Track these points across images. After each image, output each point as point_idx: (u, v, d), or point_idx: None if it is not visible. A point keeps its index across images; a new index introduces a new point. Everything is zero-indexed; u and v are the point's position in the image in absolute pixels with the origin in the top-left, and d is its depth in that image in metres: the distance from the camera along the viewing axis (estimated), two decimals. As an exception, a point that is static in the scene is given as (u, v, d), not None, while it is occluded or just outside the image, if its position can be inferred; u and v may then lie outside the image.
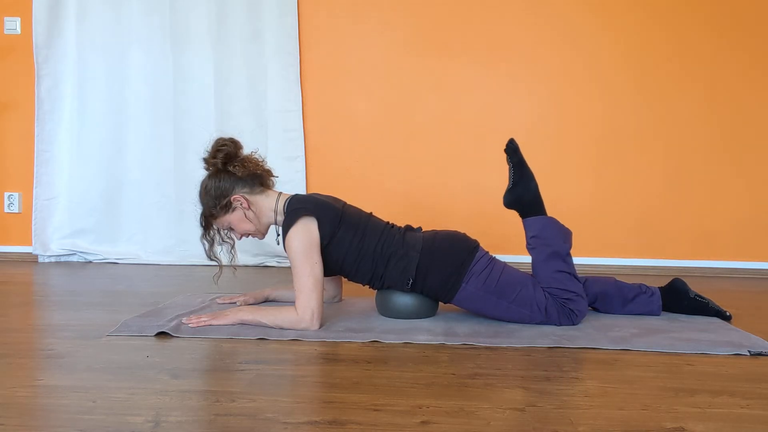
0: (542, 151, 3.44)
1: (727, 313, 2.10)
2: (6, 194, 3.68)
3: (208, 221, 2.08)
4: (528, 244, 2.06)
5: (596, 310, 2.19)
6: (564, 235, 2.03)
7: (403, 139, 3.50)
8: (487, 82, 3.45)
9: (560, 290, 1.98)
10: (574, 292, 1.98)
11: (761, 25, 3.31)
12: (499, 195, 3.42)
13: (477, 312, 2.07)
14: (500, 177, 3.44)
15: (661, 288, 2.18)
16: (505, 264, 2.08)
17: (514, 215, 3.49)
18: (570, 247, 2.03)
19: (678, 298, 2.16)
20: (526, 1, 3.41)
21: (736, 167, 3.35)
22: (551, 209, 3.39)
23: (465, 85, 3.45)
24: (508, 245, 3.35)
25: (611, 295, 2.16)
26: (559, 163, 3.43)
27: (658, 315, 2.15)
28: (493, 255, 2.08)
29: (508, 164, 2.08)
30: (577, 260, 2.94)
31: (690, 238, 3.39)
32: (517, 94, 3.45)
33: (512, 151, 2.07)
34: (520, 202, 2.08)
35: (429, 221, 2.40)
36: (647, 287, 2.18)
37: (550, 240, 2.01)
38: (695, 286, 2.24)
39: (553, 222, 2.04)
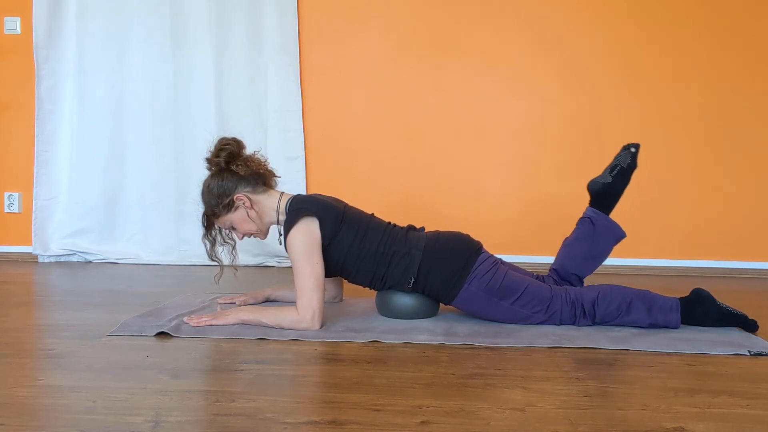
0: (540, 152, 3.44)
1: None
2: (6, 194, 3.68)
3: (210, 221, 2.08)
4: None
5: None
6: (654, 324, 1.97)
7: (402, 139, 3.50)
8: (486, 83, 3.45)
9: (599, 301, 1.96)
10: (595, 312, 1.97)
11: (751, 28, 3.31)
12: (498, 194, 3.46)
13: (476, 315, 2.06)
14: (500, 176, 3.46)
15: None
16: (509, 266, 2.08)
17: (513, 216, 3.50)
18: (640, 326, 1.97)
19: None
20: (524, 3, 3.41)
21: (734, 166, 3.35)
22: (551, 208, 3.42)
23: (464, 86, 3.45)
24: (509, 245, 3.36)
25: None
26: (558, 163, 3.43)
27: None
28: (494, 255, 2.08)
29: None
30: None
31: (690, 238, 3.39)
32: (515, 95, 3.44)
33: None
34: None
35: (429, 221, 2.40)
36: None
37: (654, 312, 1.96)
38: (695, 286, 2.22)
39: (672, 322, 1.97)
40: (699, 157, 3.37)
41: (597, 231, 2.14)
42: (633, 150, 2.12)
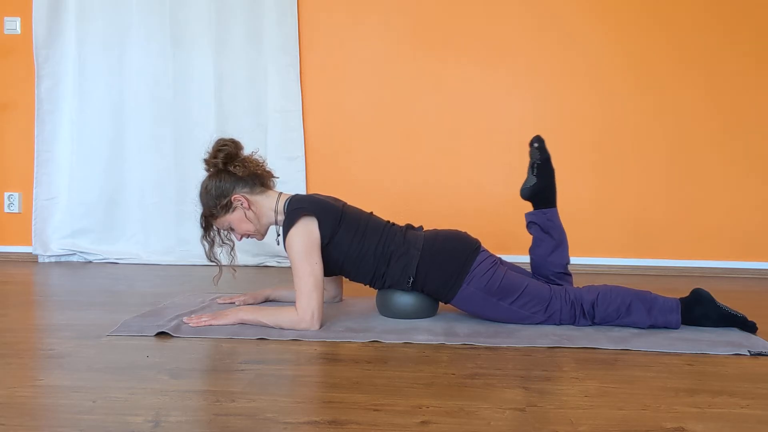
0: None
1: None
2: (6, 194, 3.68)
3: (208, 222, 2.08)
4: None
5: None
6: (655, 325, 1.97)
7: (403, 138, 3.50)
8: (487, 82, 3.45)
9: (599, 303, 1.96)
10: (594, 313, 1.97)
11: (761, 22, 3.30)
12: (499, 194, 3.46)
13: (476, 314, 2.06)
14: (500, 176, 3.46)
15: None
16: (508, 266, 2.08)
17: (513, 216, 3.48)
18: (640, 327, 1.97)
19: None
20: (525, 4, 3.41)
21: (735, 166, 3.35)
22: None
23: (464, 85, 3.45)
24: (509, 245, 3.35)
25: None
26: (559, 162, 3.40)
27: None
28: (493, 255, 2.08)
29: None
30: (576, 260, 2.95)
31: (690, 238, 3.39)
32: (516, 94, 3.45)
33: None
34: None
35: (429, 221, 2.40)
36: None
37: (654, 313, 1.96)
38: (695, 286, 2.22)
39: (672, 323, 1.97)
40: (699, 157, 3.37)
41: (544, 227, 2.17)
42: (536, 145, 2.18)
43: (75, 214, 3.58)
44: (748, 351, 1.72)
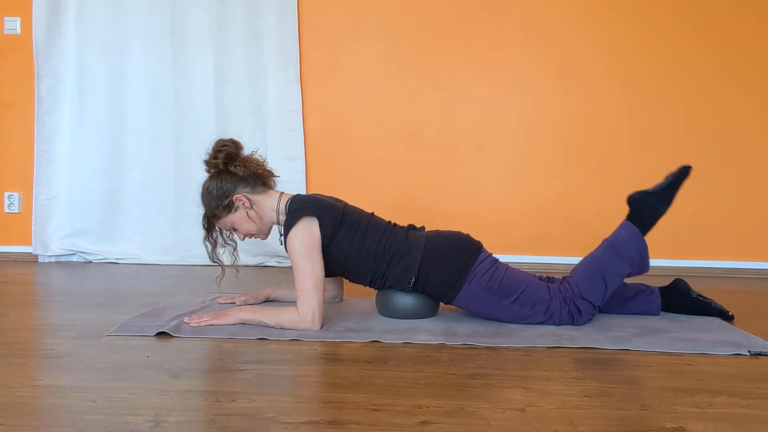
0: (540, 152, 3.44)
1: (730, 313, 2.10)
2: (6, 194, 3.68)
3: (210, 222, 2.08)
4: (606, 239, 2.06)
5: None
6: (636, 262, 1.98)
7: (402, 139, 3.50)
8: (486, 83, 3.45)
9: (582, 290, 1.97)
10: (590, 302, 1.97)
11: (742, 29, 3.31)
12: (498, 194, 3.46)
13: (477, 313, 2.06)
14: (499, 176, 3.46)
15: (661, 288, 2.18)
16: (508, 265, 2.09)
17: (513, 216, 3.48)
18: (629, 273, 1.98)
19: (680, 298, 2.16)
20: (524, 5, 3.41)
21: (734, 167, 3.35)
22: (550, 208, 3.42)
23: (463, 86, 3.46)
24: (508, 245, 3.36)
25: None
26: (557, 163, 3.43)
27: (657, 315, 2.15)
28: (492, 255, 2.08)
29: (670, 179, 2.03)
30: (577, 260, 2.92)
31: (689, 238, 3.39)
32: (513, 96, 3.45)
33: (683, 175, 2.03)
34: (641, 207, 2.04)
35: (429, 221, 2.40)
36: (647, 286, 2.18)
37: (623, 251, 1.97)
38: (695, 286, 2.23)
39: (641, 245, 1.99)
40: (699, 157, 3.36)
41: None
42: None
43: (75, 214, 3.58)
44: (748, 351, 1.72)
